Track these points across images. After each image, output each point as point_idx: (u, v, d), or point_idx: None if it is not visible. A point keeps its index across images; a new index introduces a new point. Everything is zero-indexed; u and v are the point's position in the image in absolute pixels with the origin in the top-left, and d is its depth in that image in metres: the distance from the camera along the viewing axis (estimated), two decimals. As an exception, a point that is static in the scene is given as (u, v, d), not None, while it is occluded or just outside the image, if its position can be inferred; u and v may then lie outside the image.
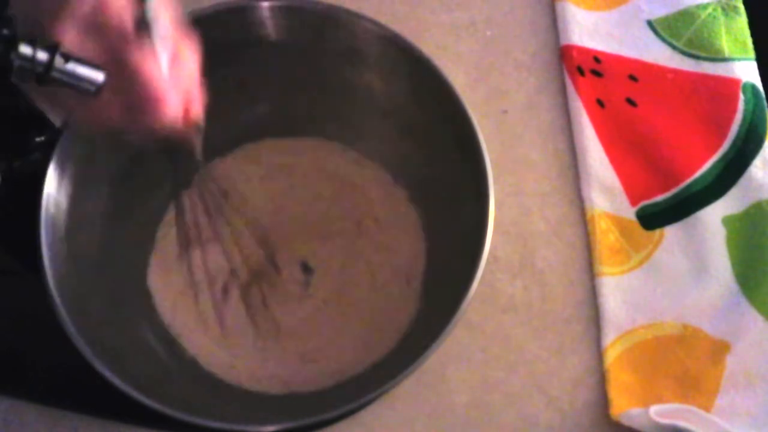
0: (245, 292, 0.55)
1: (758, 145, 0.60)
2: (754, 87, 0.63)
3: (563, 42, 0.66)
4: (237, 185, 0.58)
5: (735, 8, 0.66)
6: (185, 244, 0.55)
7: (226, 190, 0.54)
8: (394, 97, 0.54)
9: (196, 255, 0.55)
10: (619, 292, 0.57)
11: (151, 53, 0.38)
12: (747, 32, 0.65)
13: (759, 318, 0.55)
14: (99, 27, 0.37)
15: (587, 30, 0.66)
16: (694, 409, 0.52)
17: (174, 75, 0.39)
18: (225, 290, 0.55)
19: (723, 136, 0.61)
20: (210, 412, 0.47)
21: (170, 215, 0.57)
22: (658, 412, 0.50)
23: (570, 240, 0.59)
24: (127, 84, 0.38)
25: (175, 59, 0.39)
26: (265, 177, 0.59)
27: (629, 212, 0.60)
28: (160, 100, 0.38)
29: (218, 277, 0.55)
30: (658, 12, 0.67)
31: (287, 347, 0.54)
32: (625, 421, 0.52)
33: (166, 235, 0.56)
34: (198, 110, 0.42)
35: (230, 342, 0.54)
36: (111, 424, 0.52)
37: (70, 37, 0.36)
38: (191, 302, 0.54)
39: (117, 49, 0.37)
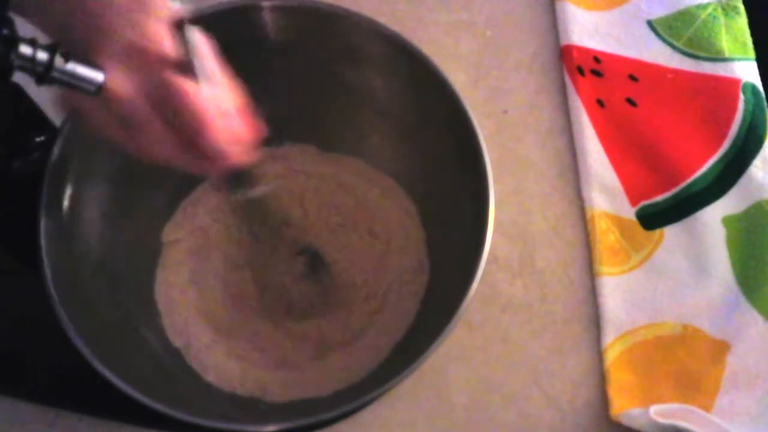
0: (249, 295, 0.56)
1: (758, 145, 0.60)
2: (754, 87, 0.63)
3: (563, 42, 0.66)
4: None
5: (735, 8, 0.66)
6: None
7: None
8: (393, 97, 0.54)
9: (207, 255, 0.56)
10: (619, 292, 0.57)
11: (194, 80, 0.37)
12: (747, 32, 0.65)
13: (759, 318, 0.55)
14: (140, 59, 0.36)
15: (587, 30, 0.66)
16: (694, 409, 0.52)
17: (220, 102, 0.39)
18: (231, 294, 0.56)
19: (723, 136, 0.61)
20: (210, 412, 0.47)
21: (176, 218, 0.57)
22: (658, 412, 0.50)
23: (570, 240, 0.59)
24: (176, 114, 0.37)
25: (217, 87, 0.39)
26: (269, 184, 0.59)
27: (629, 212, 0.60)
28: (211, 123, 0.37)
29: (225, 281, 0.56)
30: (658, 12, 0.67)
31: (287, 350, 0.54)
32: (625, 421, 0.52)
33: (173, 240, 0.56)
34: (251, 136, 0.41)
35: (232, 346, 0.54)
36: (111, 424, 0.52)
37: (110, 70, 0.36)
38: (195, 307, 0.54)
39: (160, 80, 0.37)
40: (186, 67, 0.37)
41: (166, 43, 0.37)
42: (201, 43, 0.38)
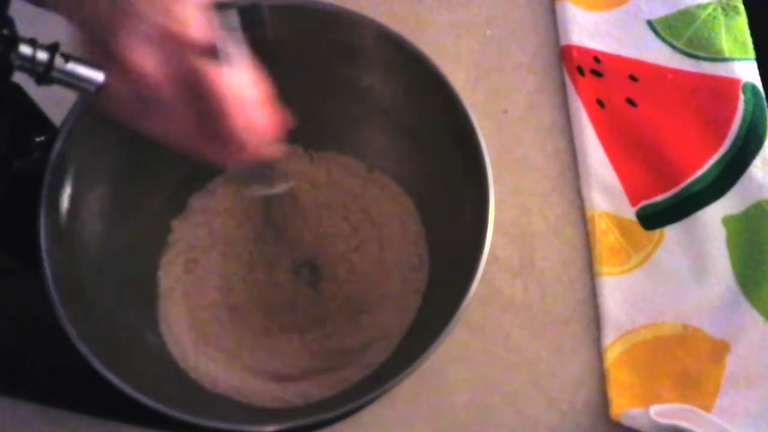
0: (249, 296, 0.56)
1: (758, 145, 0.60)
2: (754, 87, 0.63)
3: (563, 42, 0.66)
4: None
5: (735, 8, 0.66)
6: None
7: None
8: (393, 97, 0.54)
9: (206, 260, 0.56)
10: (619, 292, 0.57)
11: (228, 73, 0.37)
12: (747, 32, 0.65)
13: (759, 318, 0.55)
14: (165, 40, 0.36)
15: (587, 30, 0.66)
16: (694, 409, 0.52)
17: (244, 90, 0.38)
18: (231, 311, 0.55)
19: (723, 136, 0.61)
20: (210, 412, 0.47)
21: (177, 222, 0.57)
22: (658, 412, 0.50)
23: (570, 240, 0.59)
24: (198, 96, 0.37)
25: (242, 75, 0.38)
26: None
27: (629, 212, 0.60)
28: (232, 109, 0.37)
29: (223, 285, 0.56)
30: (658, 12, 0.67)
31: (286, 350, 0.54)
32: (625, 421, 0.52)
33: (166, 272, 0.56)
34: (274, 129, 0.41)
35: (229, 349, 0.54)
36: (111, 424, 0.52)
37: (137, 52, 0.35)
38: (200, 333, 0.54)
39: (185, 62, 0.36)
40: (213, 51, 0.37)
41: (193, 26, 0.36)
42: (233, 27, 0.38)
